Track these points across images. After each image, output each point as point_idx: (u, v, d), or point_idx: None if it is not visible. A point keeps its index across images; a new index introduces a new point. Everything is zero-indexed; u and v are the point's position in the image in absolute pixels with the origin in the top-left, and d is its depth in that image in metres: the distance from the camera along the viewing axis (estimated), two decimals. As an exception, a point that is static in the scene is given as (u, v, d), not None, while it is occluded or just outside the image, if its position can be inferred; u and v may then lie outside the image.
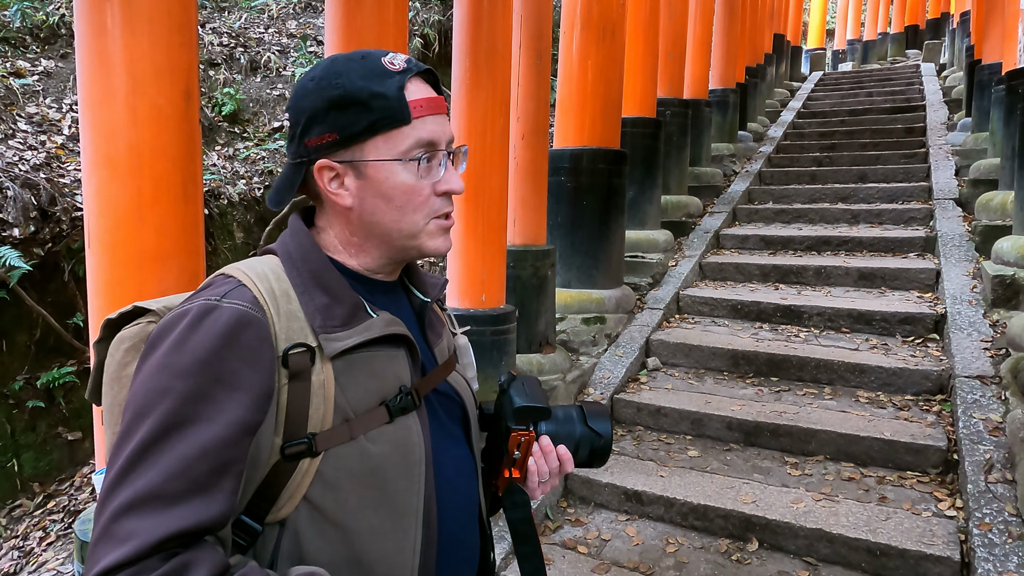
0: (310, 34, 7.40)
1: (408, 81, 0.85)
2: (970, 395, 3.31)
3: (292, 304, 0.82)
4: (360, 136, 0.84)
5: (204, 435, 0.72)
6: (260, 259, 0.89)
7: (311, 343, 0.81)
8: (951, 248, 5.04)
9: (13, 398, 3.76)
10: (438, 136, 0.87)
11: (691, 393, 3.94)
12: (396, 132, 0.84)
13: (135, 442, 0.72)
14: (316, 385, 0.80)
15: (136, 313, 0.87)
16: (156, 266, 1.93)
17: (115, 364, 0.85)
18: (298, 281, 0.85)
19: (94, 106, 1.92)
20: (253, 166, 5.68)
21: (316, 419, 0.80)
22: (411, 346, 0.89)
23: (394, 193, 0.85)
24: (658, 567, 2.74)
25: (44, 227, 3.87)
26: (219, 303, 0.78)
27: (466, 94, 3.49)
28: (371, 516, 0.82)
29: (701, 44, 7.30)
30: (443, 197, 0.89)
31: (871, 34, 14.97)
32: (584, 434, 1.01)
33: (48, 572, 2.94)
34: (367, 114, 0.83)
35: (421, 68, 0.87)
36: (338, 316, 0.83)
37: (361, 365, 0.84)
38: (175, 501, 0.70)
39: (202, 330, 0.75)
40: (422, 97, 0.85)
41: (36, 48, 5.68)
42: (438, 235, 0.90)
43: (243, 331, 0.77)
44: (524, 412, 0.95)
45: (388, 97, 0.83)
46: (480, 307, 3.55)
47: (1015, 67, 5.19)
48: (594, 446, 1.01)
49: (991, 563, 2.37)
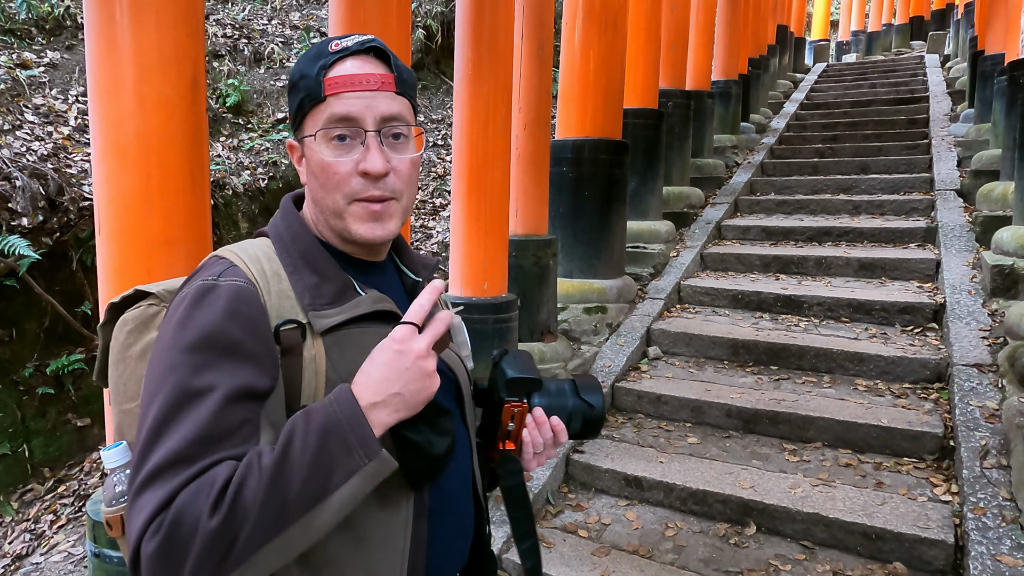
0: (313, 25, 7.42)
1: (339, 60, 0.86)
2: (967, 383, 3.34)
3: (283, 284, 0.86)
4: (296, 115, 0.90)
5: (215, 401, 0.76)
6: (252, 241, 0.93)
7: (301, 320, 0.84)
8: (952, 238, 5.06)
9: (23, 385, 3.82)
10: (358, 112, 0.85)
11: (691, 381, 3.98)
12: (316, 109, 0.87)
13: (151, 419, 0.76)
14: (307, 360, 0.83)
15: (137, 296, 0.91)
16: (164, 252, 1.98)
17: (119, 345, 0.89)
18: (288, 261, 0.88)
19: (103, 95, 1.96)
20: (257, 157, 5.72)
21: (308, 393, 0.83)
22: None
23: (317, 170, 0.88)
24: (657, 551, 2.79)
25: (52, 217, 3.92)
26: (216, 282, 0.82)
27: (468, 85, 3.52)
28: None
29: (704, 35, 7.30)
30: (367, 179, 0.87)
31: (875, 25, 14.90)
32: (577, 406, 1.02)
33: (60, 553, 3.00)
34: (297, 94, 0.89)
35: (363, 47, 0.88)
36: (327, 294, 0.87)
37: (351, 341, 0.86)
38: (194, 461, 0.73)
39: (204, 307, 0.80)
40: (342, 75, 0.86)
41: (42, 40, 5.71)
42: (364, 219, 0.88)
43: (242, 304, 0.81)
44: (516, 383, 0.96)
45: (309, 77, 0.87)
46: (482, 295, 3.59)
47: (1017, 58, 5.19)
48: (587, 417, 1.02)
49: (984, 546, 2.41)
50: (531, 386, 0.98)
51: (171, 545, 0.69)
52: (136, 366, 0.87)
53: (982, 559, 2.35)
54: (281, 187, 5.64)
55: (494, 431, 0.99)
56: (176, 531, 0.69)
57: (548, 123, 4.32)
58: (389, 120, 0.87)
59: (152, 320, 0.89)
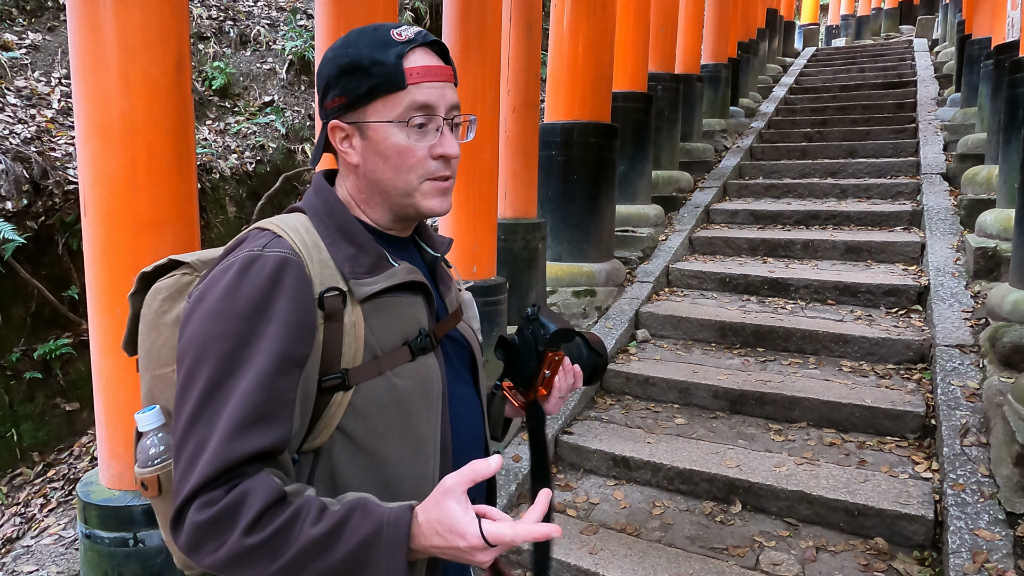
0: (300, 7, 7.34)
1: (411, 51, 0.91)
2: (949, 363, 3.40)
3: (323, 254, 0.91)
4: (362, 99, 0.91)
5: (261, 370, 0.81)
6: (289, 215, 0.97)
7: (342, 287, 0.89)
8: (936, 222, 5.11)
9: (11, 369, 3.81)
10: (435, 101, 0.92)
11: (679, 363, 4.01)
12: (393, 96, 0.90)
13: (201, 385, 0.81)
14: (348, 325, 0.89)
15: (171, 266, 0.95)
16: (151, 233, 1.97)
17: (152, 312, 0.94)
18: (325, 233, 0.93)
19: (87, 75, 1.95)
20: (244, 140, 5.68)
21: (348, 356, 0.88)
22: (428, 294, 0.99)
23: (390, 153, 0.92)
24: (644, 528, 2.83)
25: (37, 200, 3.88)
26: (262, 252, 0.86)
27: (456, 67, 3.50)
28: (396, 442, 0.91)
29: (693, 18, 7.28)
30: (439, 160, 0.94)
31: (865, 9, 14.91)
32: (589, 357, 1.20)
33: (50, 536, 3.01)
34: (368, 79, 0.90)
35: (428, 39, 0.94)
36: (364, 264, 0.92)
37: (386, 309, 0.92)
38: (241, 432, 0.79)
39: (251, 276, 0.84)
40: (420, 65, 0.91)
41: (23, 21, 5.62)
42: (433, 195, 0.96)
43: (287, 274, 0.85)
44: (558, 335, 1.08)
45: (386, 64, 0.90)
46: (471, 278, 3.60)
47: (1003, 42, 5.22)
48: (596, 366, 1.21)
49: (963, 520, 2.47)
50: (568, 337, 1.10)
51: (214, 531, 0.78)
52: (171, 333, 0.92)
53: (960, 533, 2.41)
54: (268, 171, 5.60)
55: (529, 378, 1.11)
56: (223, 518, 0.78)
57: (537, 106, 4.31)
58: (455, 109, 0.96)
59: (186, 289, 0.94)
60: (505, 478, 3.07)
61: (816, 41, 14.30)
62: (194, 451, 0.79)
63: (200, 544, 0.78)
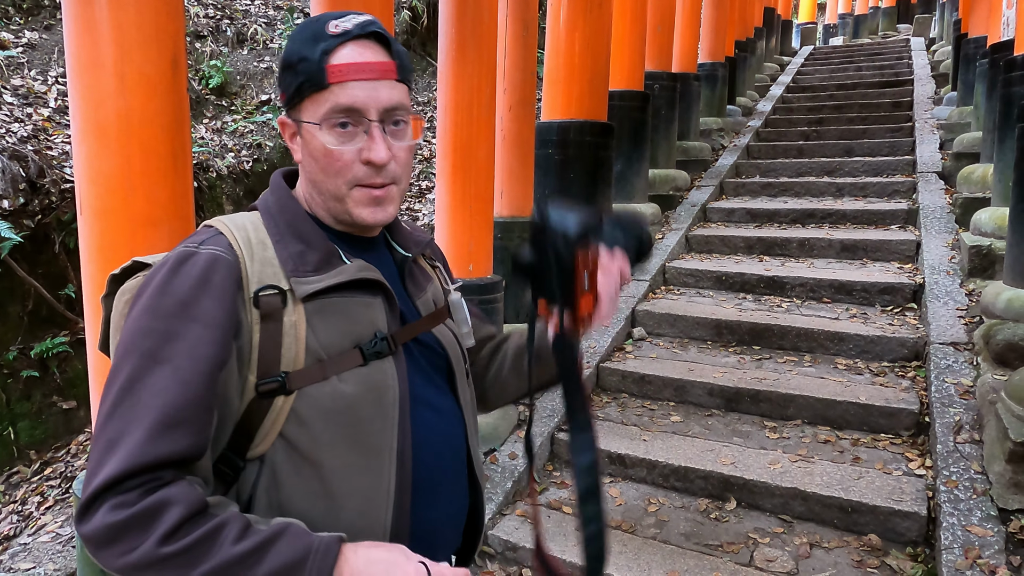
0: (297, 5, 7.34)
1: (341, 45, 0.85)
2: (943, 361, 3.41)
3: (268, 252, 0.88)
4: (294, 97, 0.89)
5: (180, 371, 0.78)
6: (243, 213, 0.95)
7: (283, 286, 0.86)
8: (932, 220, 5.12)
9: (7, 368, 3.81)
10: (362, 103, 0.86)
11: (675, 361, 4.03)
12: (318, 96, 0.86)
13: (121, 379, 0.79)
14: (288, 326, 0.85)
15: (136, 268, 0.93)
16: (148, 231, 1.98)
17: (118, 315, 0.91)
18: (275, 231, 0.90)
19: (82, 74, 1.95)
20: (241, 139, 5.68)
21: (288, 358, 0.84)
22: (388, 295, 0.93)
23: (317, 155, 0.88)
24: (640, 525, 2.84)
25: (33, 199, 3.89)
26: (197, 249, 0.84)
27: (452, 65, 3.51)
28: (344, 453, 0.86)
29: (690, 17, 7.28)
30: (369, 167, 0.88)
31: (863, 8, 14.91)
32: (627, 236, 0.99)
33: (47, 534, 3.02)
34: (295, 77, 0.87)
35: (365, 31, 0.87)
36: (311, 262, 0.88)
37: (334, 309, 0.88)
38: (157, 434, 0.76)
39: (181, 274, 0.82)
40: (346, 62, 0.85)
41: (19, 19, 5.62)
42: (365, 204, 0.90)
43: (215, 274, 0.83)
44: (582, 227, 0.90)
45: (310, 61, 0.85)
46: (467, 277, 3.61)
47: (999, 40, 5.24)
48: (640, 241, 1.00)
49: (956, 517, 2.48)
50: (593, 224, 0.92)
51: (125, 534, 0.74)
52: None
53: (953, 530, 2.43)
54: (266, 169, 5.60)
55: (567, 293, 0.91)
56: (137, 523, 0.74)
57: (533, 105, 4.32)
58: (391, 110, 0.88)
59: None
60: (501, 475, 3.08)
61: (814, 40, 14.30)
62: (107, 445, 0.76)
63: (109, 545, 0.74)
